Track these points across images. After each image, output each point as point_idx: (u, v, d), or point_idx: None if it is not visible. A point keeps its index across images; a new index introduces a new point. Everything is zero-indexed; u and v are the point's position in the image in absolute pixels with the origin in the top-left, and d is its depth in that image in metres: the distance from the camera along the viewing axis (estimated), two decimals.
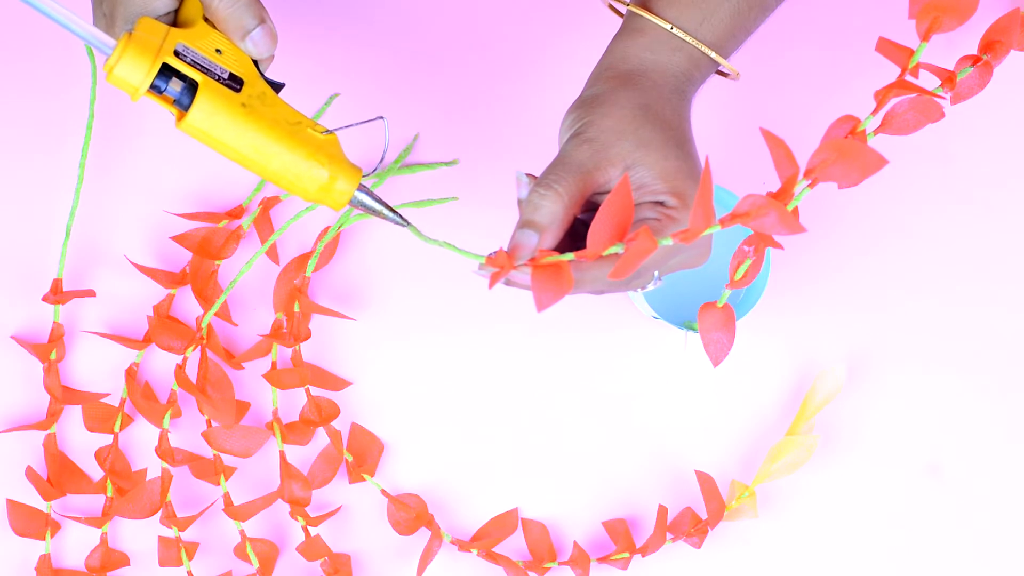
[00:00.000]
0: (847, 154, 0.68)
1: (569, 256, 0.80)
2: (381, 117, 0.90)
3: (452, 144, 1.09)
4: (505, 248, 0.84)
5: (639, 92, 0.91)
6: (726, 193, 1.04)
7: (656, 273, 0.89)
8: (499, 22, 1.10)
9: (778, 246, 0.84)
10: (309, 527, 1.06)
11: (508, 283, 0.88)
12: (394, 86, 1.09)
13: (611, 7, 0.97)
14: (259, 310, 1.08)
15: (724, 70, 0.95)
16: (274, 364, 1.07)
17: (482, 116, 1.09)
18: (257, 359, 1.07)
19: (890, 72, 1.09)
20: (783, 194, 0.72)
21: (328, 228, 1.07)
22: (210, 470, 1.06)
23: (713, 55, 0.92)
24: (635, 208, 0.87)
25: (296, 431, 1.07)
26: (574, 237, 0.89)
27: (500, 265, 0.81)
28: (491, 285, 0.81)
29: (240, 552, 1.06)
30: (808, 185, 0.80)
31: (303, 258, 1.07)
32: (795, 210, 0.85)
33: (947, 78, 0.78)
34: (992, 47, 0.78)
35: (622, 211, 0.75)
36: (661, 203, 0.88)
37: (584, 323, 1.09)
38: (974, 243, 1.10)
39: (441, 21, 1.10)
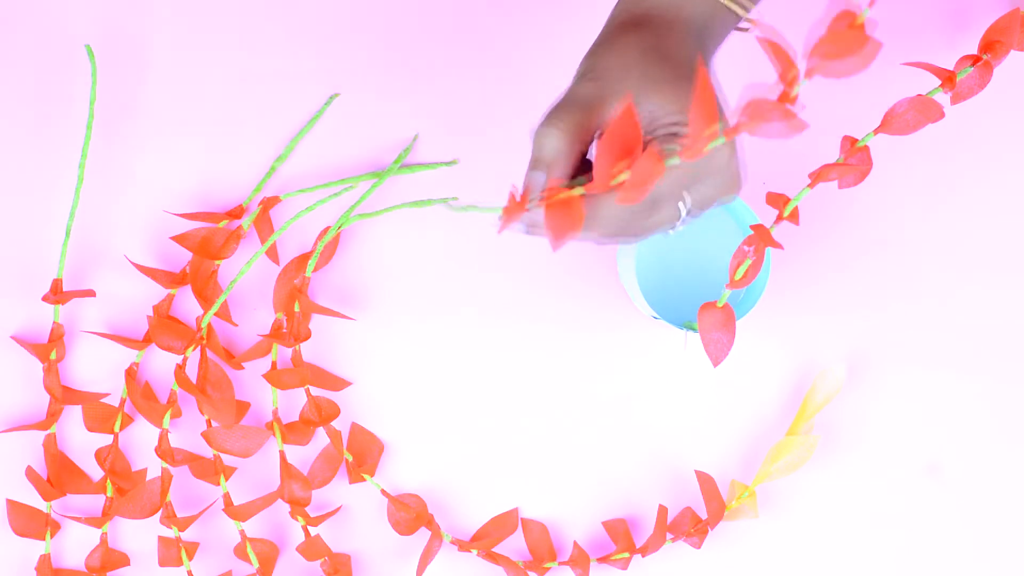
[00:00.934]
0: (846, 45, 0.66)
1: (579, 188, 0.78)
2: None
3: (452, 144, 1.09)
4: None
5: (648, 34, 0.89)
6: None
7: (682, 208, 0.86)
8: (500, 22, 1.10)
9: (778, 246, 0.84)
10: (309, 527, 1.06)
11: (530, 231, 0.86)
12: (394, 86, 1.09)
13: None
14: (259, 310, 1.08)
15: (743, 25, 0.92)
16: (274, 364, 1.07)
17: (482, 116, 1.09)
18: (257, 359, 1.07)
19: (892, 66, 1.09)
20: (784, 99, 0.69)
21: (328, 228, 1.07)
22: (210, 470, 1.06)
23: (734, 7, 0.90)
24: (650, 143, 0.86)
25: (296, 431, 1.07)
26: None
27: (513, 209, 0.79)
28: (501, 229, 0.79)
29: (240, 552, 1.06)
30: (808, 185, 0.80)
31: (303, 258, 1.07)
32: (795, 210, 0.84)
33: (947, 78, 0.77)
34: (992, 47, 0.77)
35: (627, 137, 0.72)
36: (675, 134, 0.86)
37: (584, 323, 1.09)
38: (974, 243, 1.10)
39: (442, 21, 1.10)
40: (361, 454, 1.07)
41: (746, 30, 0.94)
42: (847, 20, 0.70)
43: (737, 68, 1.09)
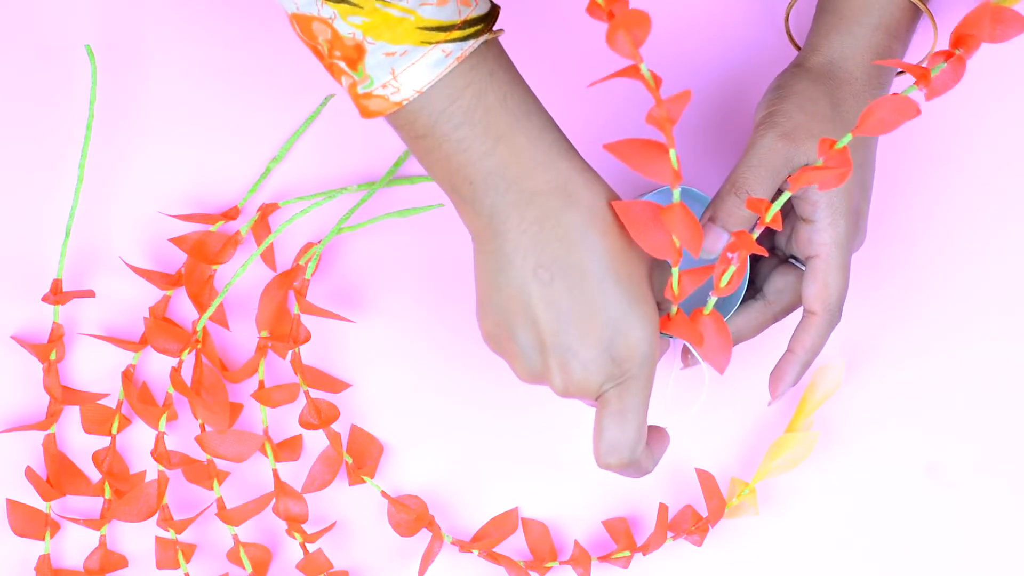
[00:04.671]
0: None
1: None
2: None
3: None
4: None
5: (830, 87, 0.98)
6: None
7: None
8: (504, 22, 1.11)
9: (761, 251, 0.88)
10: (307, 544, 1.08)
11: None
12: None
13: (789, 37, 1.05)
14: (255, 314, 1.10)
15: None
16: (261, 383, 1.08)
17: None
18: (252, 375, 1.09)
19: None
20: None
21: (311, 245, 1.09)
22: (204, 474, 1.08)
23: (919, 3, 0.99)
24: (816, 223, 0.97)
25: (288, 447, 1.09)
26: None
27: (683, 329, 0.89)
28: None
29: (233, 557, 1.08)
30: (788, 189, 0.86)
31: (286, 275, 1.08)
32: (777, 215, 0.91)
33: (921, 75, 0.81)
34: (964, 41, 0.81)
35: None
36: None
37: None
38: (974, 242, 1.11)
39: None
40: (361, 456, 1.09)
41: (901, 74, 1.02)
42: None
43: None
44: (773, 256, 1.04)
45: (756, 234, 0.89)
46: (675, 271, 0.87)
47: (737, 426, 1.11)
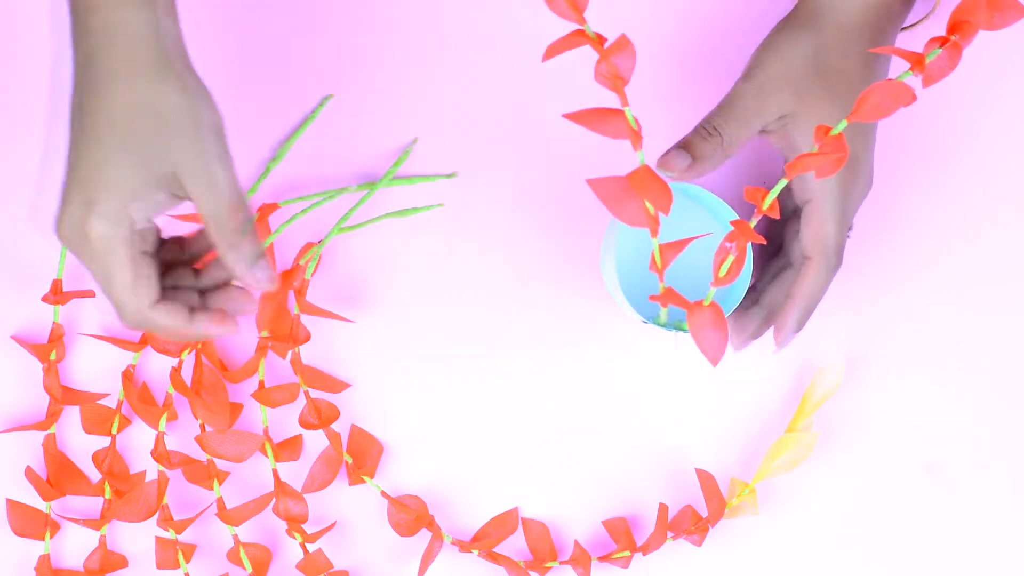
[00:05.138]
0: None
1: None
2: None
3: (451, 149, 1.11)
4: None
5: (812, 35, 0.98)
6: (717, 201, 1.06)
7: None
8: (506, 21, 1.11)
9: (760, 240, 0.88)
10: (307, 544, 1.09)
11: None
12: (392, 87, 1.11)
13: None
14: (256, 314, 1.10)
15: (910, 22, 1.00)
16: (261, 383, 1.09)
17: (483, 122, 1.10)
18: (252, 375, 1.09)
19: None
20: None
21: (311, 245, 1.09)
22: (204, 474, 1.08)
23: None
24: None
25: (288, 447, 1.09)
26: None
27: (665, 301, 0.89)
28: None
29: (233, 557, 1.08)
30: (785, 177, 0.86)
31: (284, 275, 1.09)
32: (774, 203, 0.91)
33: (916, 61, 0.82)
34: (960, 27, 0.81)
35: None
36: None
37: (583, 323, 1.11)
38: (974, 241, 1.12)
39: (442, 19, 1.11)
40: (361, 456, 1.09)
41: (913, 26, 1.01)
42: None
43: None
44: (796, 220, 1.04)
45: (754, 223, 0.89)
46: (655, 242, 0.88)
47: (737, 426, 1.11)
